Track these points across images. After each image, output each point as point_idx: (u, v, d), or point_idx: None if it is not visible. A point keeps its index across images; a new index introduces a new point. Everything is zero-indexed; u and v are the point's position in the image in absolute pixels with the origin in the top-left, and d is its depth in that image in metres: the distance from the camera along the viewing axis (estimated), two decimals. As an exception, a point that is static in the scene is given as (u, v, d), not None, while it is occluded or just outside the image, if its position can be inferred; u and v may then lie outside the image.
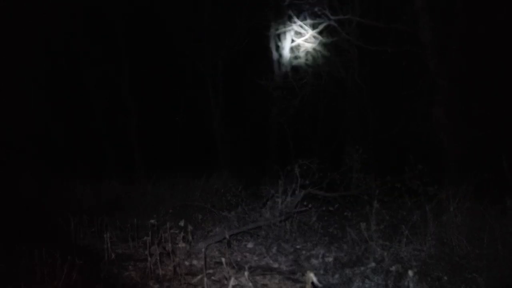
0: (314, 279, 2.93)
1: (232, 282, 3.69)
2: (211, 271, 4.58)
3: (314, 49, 9.87)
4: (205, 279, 3.84)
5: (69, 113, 12.72)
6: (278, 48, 11.08)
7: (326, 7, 8.58)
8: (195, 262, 4.86)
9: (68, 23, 12.12)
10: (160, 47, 13.04)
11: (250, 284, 4.14)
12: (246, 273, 4.01)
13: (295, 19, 9.39)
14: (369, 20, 8.01)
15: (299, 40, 9.81)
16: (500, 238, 4.27)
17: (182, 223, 5.24)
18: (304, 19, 9.39)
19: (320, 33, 9.30)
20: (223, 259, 4.06)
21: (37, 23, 10.64)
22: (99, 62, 12.63)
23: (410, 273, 3.84)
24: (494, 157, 6.36)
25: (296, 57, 10.42)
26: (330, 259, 4.76)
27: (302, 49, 10.02)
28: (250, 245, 5.53)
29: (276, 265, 4.83)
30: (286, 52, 10.66)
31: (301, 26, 9.39)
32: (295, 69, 11.00)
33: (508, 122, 7.15)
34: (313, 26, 9.29)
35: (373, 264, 4.45)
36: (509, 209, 4.26)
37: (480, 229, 4.59)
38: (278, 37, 10.99)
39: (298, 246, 5.39)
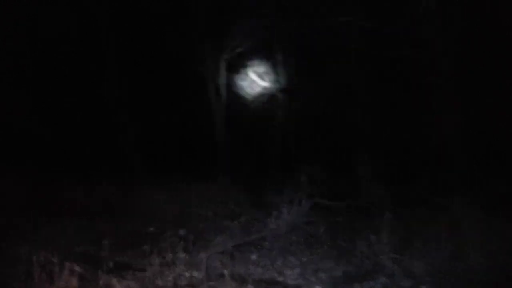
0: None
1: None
2: (212, 283, 4.61)
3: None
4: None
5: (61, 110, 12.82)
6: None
7: None
8: (195, 273, 4.87)
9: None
10: (157, 47, 13.16)
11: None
12: (249, 286, 4.06)
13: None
14: (370, 23, 8.10)
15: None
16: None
17: (182, 232, 5.30)
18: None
19: None
20: (225, 271, 4.10)
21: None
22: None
23: (423, 289, 3.88)
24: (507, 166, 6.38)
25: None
26: (339, 273, 4.80)
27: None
28: (254, 256, 5.58)
29: (281, 279, 4.87)
30: None
31: None
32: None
33: None
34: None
35: (383, 279, 4.49)
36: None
37: (495, 243, 4.63)
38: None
39: (304, 259, 5.43)
